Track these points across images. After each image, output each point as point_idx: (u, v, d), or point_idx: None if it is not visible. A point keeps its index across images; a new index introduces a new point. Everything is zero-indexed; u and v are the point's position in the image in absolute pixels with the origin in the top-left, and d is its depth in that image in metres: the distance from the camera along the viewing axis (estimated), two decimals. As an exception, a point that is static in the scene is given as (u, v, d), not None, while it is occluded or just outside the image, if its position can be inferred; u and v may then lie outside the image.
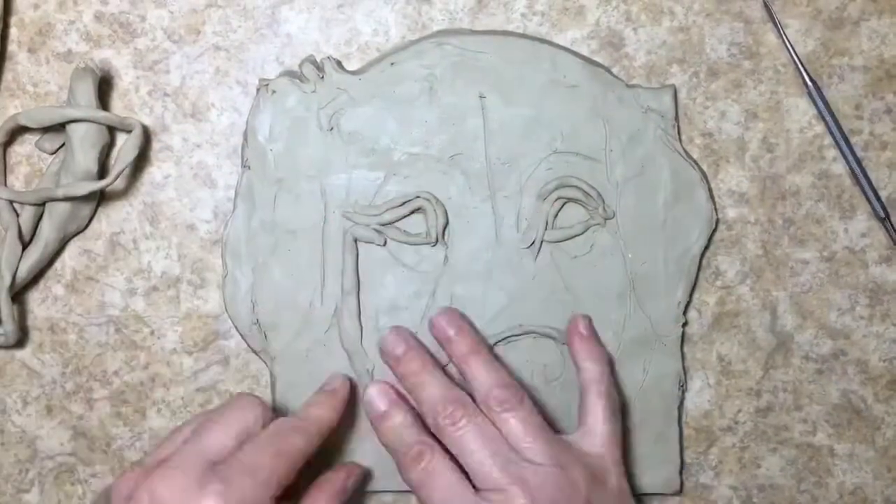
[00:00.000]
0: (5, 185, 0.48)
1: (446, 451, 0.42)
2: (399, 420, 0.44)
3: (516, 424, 0.42)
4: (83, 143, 0.46)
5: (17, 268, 0.47)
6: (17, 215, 0.47)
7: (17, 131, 0.48)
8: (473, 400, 0.43)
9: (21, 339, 0.48)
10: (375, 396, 0.45)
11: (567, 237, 0.47)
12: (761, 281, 0.48)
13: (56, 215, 0.47)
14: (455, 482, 0.41)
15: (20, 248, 0.47)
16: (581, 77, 0.47)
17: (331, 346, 0.47)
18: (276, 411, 0.47)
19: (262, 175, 0.47)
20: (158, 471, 0.38)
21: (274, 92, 0.47)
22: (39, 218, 0.48)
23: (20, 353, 0.49)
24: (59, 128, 0.47)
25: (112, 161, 0.48)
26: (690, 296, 0.48)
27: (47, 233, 0.47)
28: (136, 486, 0.38)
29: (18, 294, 0.48)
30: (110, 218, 0.49)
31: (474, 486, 0.41)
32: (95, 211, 0.48)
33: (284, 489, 0.40)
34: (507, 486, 0.40)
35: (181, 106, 0.48)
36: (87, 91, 0.46)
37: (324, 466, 0.46)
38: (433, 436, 0.43)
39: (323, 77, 0.47)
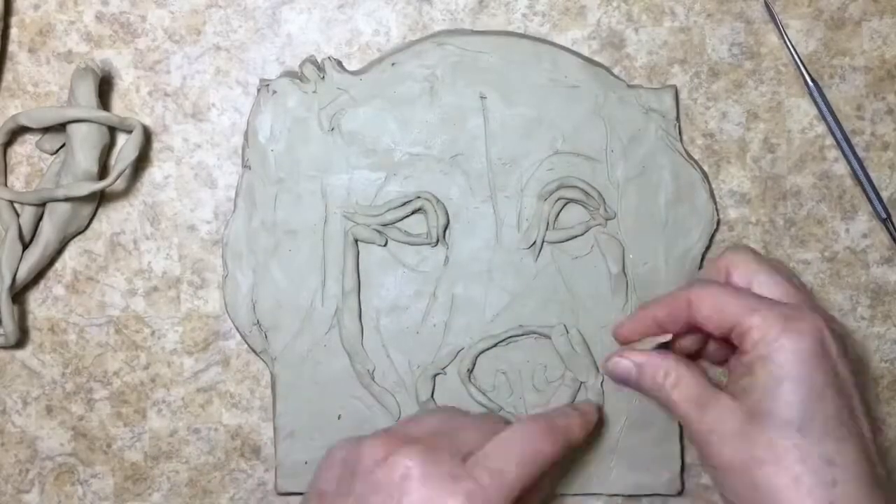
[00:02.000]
0: (6, 185, 0.48)
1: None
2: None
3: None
4: (83, 144, 0.46)
5: (17, 268, 0.47)
6: (18, 215, 0.47)
7: (18, 131, 0.48)
8: None
9: (21, 340, 0.48)
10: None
11: (568, 237, 0.47)
12: (762, 281, 0.48)
13: (56, 216, 0.47)
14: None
15: (20, 248, 0.47)
16: (582, 77, 0.47)
17: (331, 346, 0.47)
18: (276, 414, 0.47)
19: (263, 175, 0.47)
20: (417, 446, 0.38)
21: (275, 92, 0.47)
22: (40, 218, 0.48)
23: (20, 354, 0.49)
24: (60, 128, 0.47)
25: (112, 161, 0.48)
26: (691, 296, 0.48)
27: (47, 233, 0.47)
28: (391, 451, 0.38)
29: (18, 294, 0.48)
30: (110, 218, 0.49)
31: None
32: (96, 211, 0.48)
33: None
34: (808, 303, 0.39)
35: (182, 106, 0.48)
36: (87, 91, 0.46)
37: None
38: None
39: (324, 77, 0.47)
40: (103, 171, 0.48)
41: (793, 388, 0.36)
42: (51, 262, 0.48)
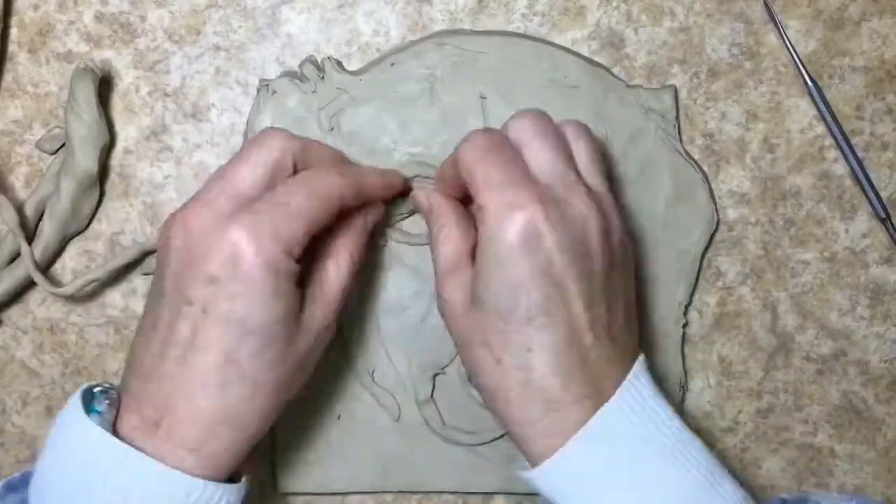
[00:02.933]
0: (5, 185, 0.48)
1: None
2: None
3: (581, 144, 0.41)
4: (83, 144, 0.46)
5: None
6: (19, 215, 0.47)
7: (16, 130, 0.48)
8: None
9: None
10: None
11: (568, 238, 0.47)
12: (762, 282, 0.48)
13: (56, 216, 0.47)
14: (520, 161, 0.39)
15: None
16: (582, 77, 0.47)
17: (331, 346, 0.47)
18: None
19: (263, 175, 0.47)
20: (189, 207, 0.39)
21: (274, 92, 0.47)
22: (39, 218, 0.48)
23: (20, 354, 0.49)
24: (60, 128, 0.47)
25: (112, 161, 0.48)
26: (691, 296, 0.48)
27: (47, 233, 0.47)
28: (171, 222, 0.39)
29: (19, 293, 0.48)
30: (110, 218, 0.49)
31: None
32: (96, 211, 0.48)
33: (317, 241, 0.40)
34: (574, 183, 0.39)
35: (181, 106, 0.48)
36: (87, 92, 0.46)
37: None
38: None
39: (323, 77, 0.47)
40: (103, 171, 0.48)
41: (499, 277, 0.38)
42: (50, 261, 0.48)
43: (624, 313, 0.40)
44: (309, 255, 0.40)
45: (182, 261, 0.38)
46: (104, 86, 0.48)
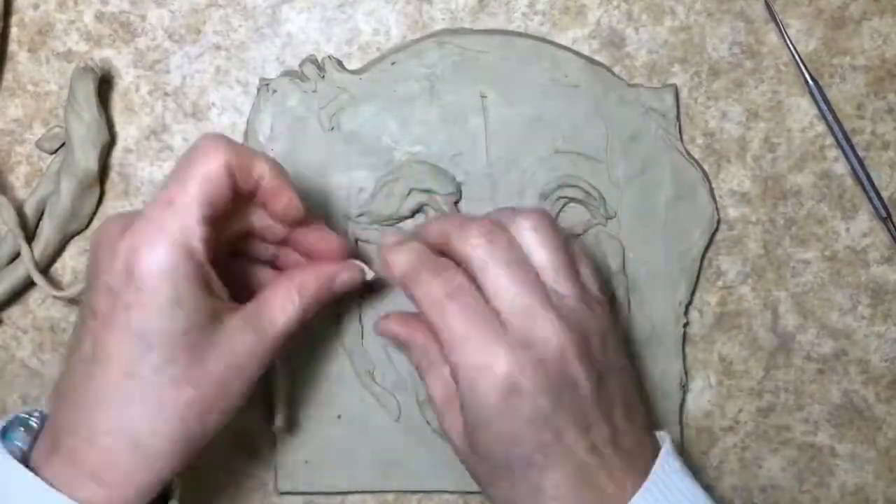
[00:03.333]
0: (5, 185, 0.48)
1: None
2: (418, 245, 0.40)
3: (544, 252, 0.38)
4: (83, 143, 0.46)
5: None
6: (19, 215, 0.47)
7: (19, 132, 0.48)
8: None
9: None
10: (386, 232, 0.42)
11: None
12: (763, 281, 0.48)
13: (56, 215, 0.47)
14: (477, 303, 0.37)
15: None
16: (582, 77, 0.47)
17: (331, 346, 0.47)
18: (276, 414, 0.47)
19: (263, 175, 0.47)
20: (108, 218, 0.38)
21: (274, 91, 0.47)
22: (40, 218, 0.48)
23: (20, 353, 0.49)
24: (59, 127, 0.47)
25: (112, 161, 0.48)
26: (692, 296, 0.48)
27: (47, 233, 0.47)
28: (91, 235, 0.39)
29: (19, 293, 0.48)
30: (110, 218, 0.49)
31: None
32: (96, 211, 0.48)
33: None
34: (538, 313, 0.37)
35: (181, 105, 0.48)
36: (87, 91, 0.46)
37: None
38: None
39: (323, 76, 0.47)
40: (103, 171, 0.48)
41: (488, 433, 0.37)
42: (50, 261, 0.48)
43: (625, 417, 0.39)
44: (256, 282, 0.39)
45: (90, 273, 0.37)
46: (104, 85, 0.48)
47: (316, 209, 0.47)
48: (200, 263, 0.36)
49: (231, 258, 0.41)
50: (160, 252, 0.35)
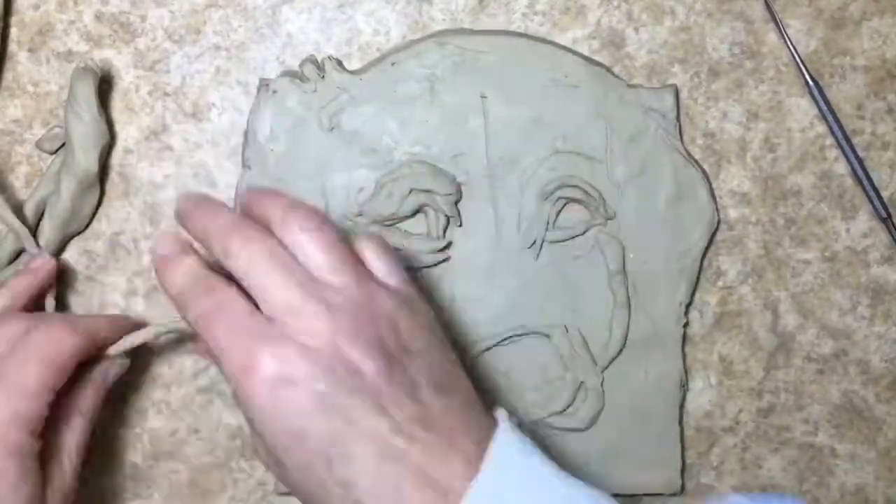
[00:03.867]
0: (4, 184, 0.48)
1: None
2: (189, 262, 0.39)
3: (316, 249, 0.37)
4: (83, 144, 0.46)
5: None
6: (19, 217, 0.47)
7: (16, 127, 0.48)
8: None
9: None
10: (163, 240, 0.40)
11: (568, 237, 0.47)
12: (763, 281, 0.48)
13: (56, 215, 0.47)
14: (243, 312, 0.36)
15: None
16: (582, 77, 0.47)
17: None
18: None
19: (263, 175, 0.47)
20: None
21: (274, 92, 0.47)
22: (40, 218, 0.48)
23: (20, 354, 0.49)
24: (60, 127, 0.47)
25: (112, 161, 0.48)
26: (692, 296, 0.48)
27: (47, 233, 0.47)
28: None
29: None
30: (110, 218, 0.49)
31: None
32: (96, 211, 0.48)
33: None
34: (303, 306, 0.35)
35: (181, 106, 0.48)
36: (86, 91, 0.46)
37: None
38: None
39: (323, 77, 0.47)
40: (103, 171, 0.48)
41: (273, 440, 0.35)
42: (51, 261, 0.48)
43: (436, 395, 0.36)
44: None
45: None
46: (104, 85, 0.48)
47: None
48: (33, 435, 0.39)
49: None
50: (11, 438, 0.38)
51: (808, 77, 0.47)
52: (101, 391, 0.43)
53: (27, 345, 0.40)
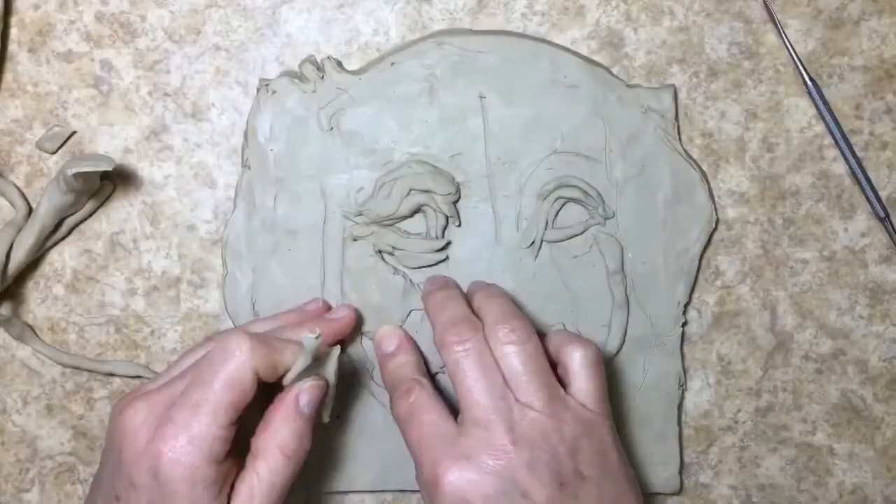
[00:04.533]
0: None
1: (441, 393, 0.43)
2: (403, 360, 0.44)
3: (517, 361, 0.41)
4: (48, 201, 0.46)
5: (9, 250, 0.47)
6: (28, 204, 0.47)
7: (21, 132, 0.48)
8: None
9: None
10: (386, 336, 0.45)
11: (567, 237, 0.47)
12: (761, 281, 0.48)
13: (52, 198, 0.46)
14: (438, 418, 0.41)
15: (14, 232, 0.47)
16: (581, 77, 0.47)
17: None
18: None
19: (263, 175, 0.47)
20: (134, 401, 0.40)
21: (274, 92, 0.47)
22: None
23: (20, 353, 0.49)
24: (60, 127, 0.47)
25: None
26: (690, 296, 0.48)
27: (42, 214, 0.46)
28: (120, 407, 0.40)
29: (20, 292, 0.48)
30: (110, 218, 0.49)
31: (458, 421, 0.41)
32: (97, 208, 0.48)
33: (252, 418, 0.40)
34: (492, 421, 0.40)
35: (181, 106, 0.48)
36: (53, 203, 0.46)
37: (317, 460, 0.46)
38: (431, 379, 0.45)
39: (323, 77, 0.47)
40: (103, 171, 0.47)
41: None
42: (47, 249, 0.48)
43: None
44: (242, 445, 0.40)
45: (111, 457, 0.40)
46: (104, 86, 0.48)
47: (315, 209, 0.47)
48: (220, 463, 0.39)
49: None
50: (185, 461, 0.38)
51: (806, 77, 0.47)
52: (297, 422, 0.40)
53: (209, 362, 0.40)
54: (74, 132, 0.48)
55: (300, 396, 0.40)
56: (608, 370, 0.47)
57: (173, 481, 0.38)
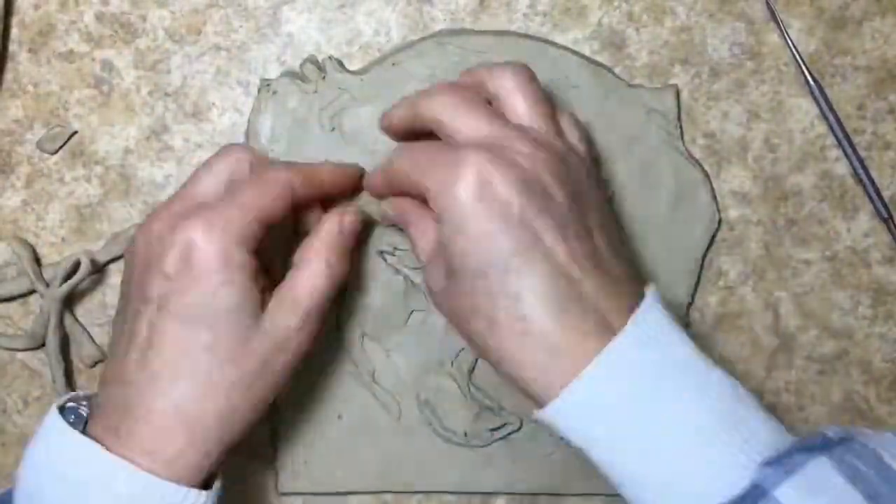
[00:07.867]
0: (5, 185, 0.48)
1: None
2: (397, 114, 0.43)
3: (522, 97, 0.40)
4: None
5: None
6: None
7: (18, 132, 0.48)
8: None
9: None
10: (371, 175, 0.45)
11: (569, 237, 0.47)
12: (764, 281, 0.48)
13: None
14: (443, 145, 0.40)
15: None
16: (583, 77, 0.47)
17: (331, 346, 0.47)
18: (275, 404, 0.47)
19: (264, 175, 0.47)
20: (151, 214, 0.40)
21: (275, 92, 0.47)
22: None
23: (21, 354, 0.49)
24: (60, 126, 0.47)
25: (112, 161, 0.48)
26: (693, 296, 0.48)
27: None
28: (136, 231, 0.40)
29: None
30: (111, 218, 0.49)
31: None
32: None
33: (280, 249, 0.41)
34: (506, 136, 0.38)
35: (182, 106, 0.48)
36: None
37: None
38: None
39: (324, 77, 0.47)
40: (104, 171, 0.47)
41: (463, 238, 0.37)
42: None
43: (606, 242, 0.38)
44: (283, 265, 0.41)
45: (141, 264, 0.39)
46: (105, 86, 0.48)
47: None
48: (250, 254, 0.38)
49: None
50: (220, 241, 0.38)
51: (809, 77, 0.47)
52: (339, 236, 0.41)
53: (250, 176, 0.40)
54: (75, 132, 0.48)
55: (343, 217, 0.42)
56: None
57: (205, 259, 0.37)
